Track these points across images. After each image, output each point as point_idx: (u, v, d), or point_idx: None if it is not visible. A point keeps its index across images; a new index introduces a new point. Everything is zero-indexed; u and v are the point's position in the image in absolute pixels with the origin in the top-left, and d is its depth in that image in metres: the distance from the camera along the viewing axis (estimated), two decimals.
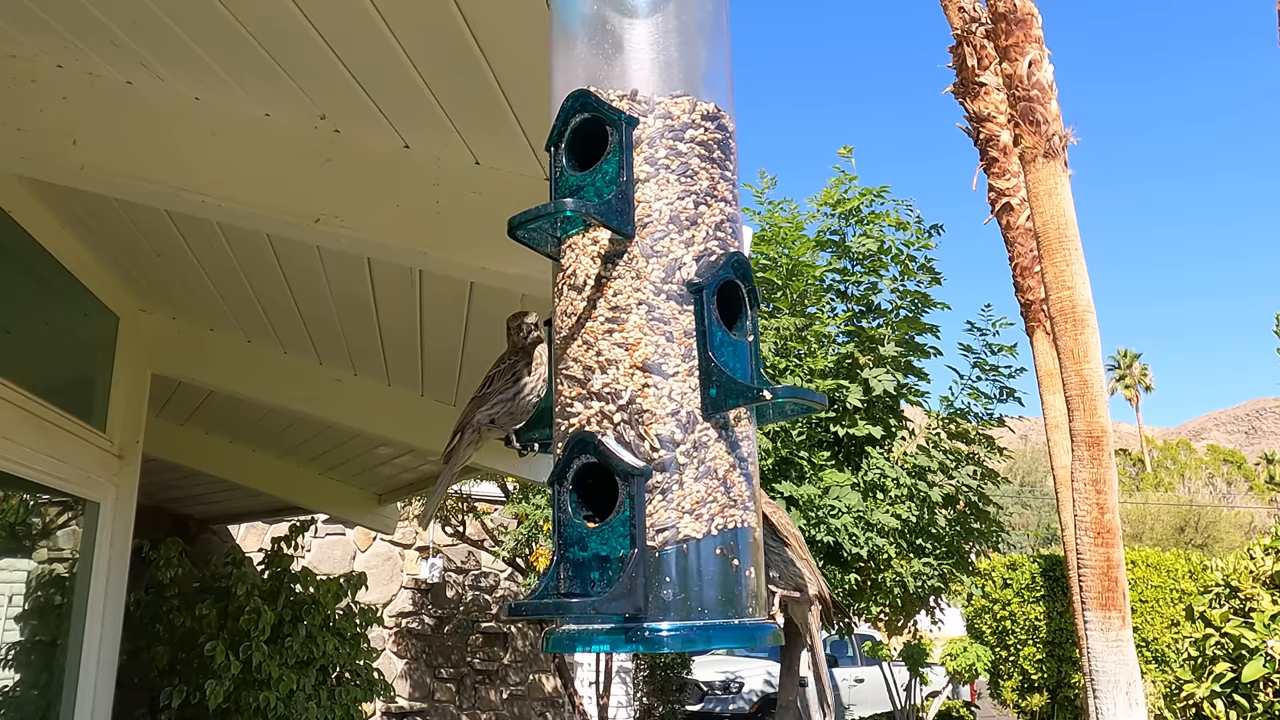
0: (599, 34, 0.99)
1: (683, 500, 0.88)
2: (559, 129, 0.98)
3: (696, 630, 0.85)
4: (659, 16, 0.98)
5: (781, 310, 9.48)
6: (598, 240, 0.94)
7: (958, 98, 9.75)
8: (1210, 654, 5.06)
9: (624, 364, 0.90)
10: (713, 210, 0.96)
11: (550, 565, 0.90)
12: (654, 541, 0.86)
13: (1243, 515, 34.39)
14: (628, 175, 0.93)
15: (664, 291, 0.92)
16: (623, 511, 0.87)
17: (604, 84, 0.97)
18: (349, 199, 2.36)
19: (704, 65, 1.01)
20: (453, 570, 11.45)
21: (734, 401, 0.90)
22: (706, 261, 0.94)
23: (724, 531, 0.89)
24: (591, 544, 0.88)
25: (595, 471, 0.90)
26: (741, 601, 0.89)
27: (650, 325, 0.91)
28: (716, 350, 0.91)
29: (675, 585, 0.86)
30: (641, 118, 0.95)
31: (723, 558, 0.89)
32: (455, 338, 3.57)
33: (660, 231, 0.93)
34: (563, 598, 0.88)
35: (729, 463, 0.91)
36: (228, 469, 6.06)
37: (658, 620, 0.85)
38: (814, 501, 8.60)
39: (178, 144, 2.36)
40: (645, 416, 0.89)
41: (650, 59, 0.98)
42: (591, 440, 0.89)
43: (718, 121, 0.99)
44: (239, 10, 1.95)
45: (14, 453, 3.01)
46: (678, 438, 0.89)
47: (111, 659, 3.83)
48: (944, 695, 13.45)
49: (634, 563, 0.84)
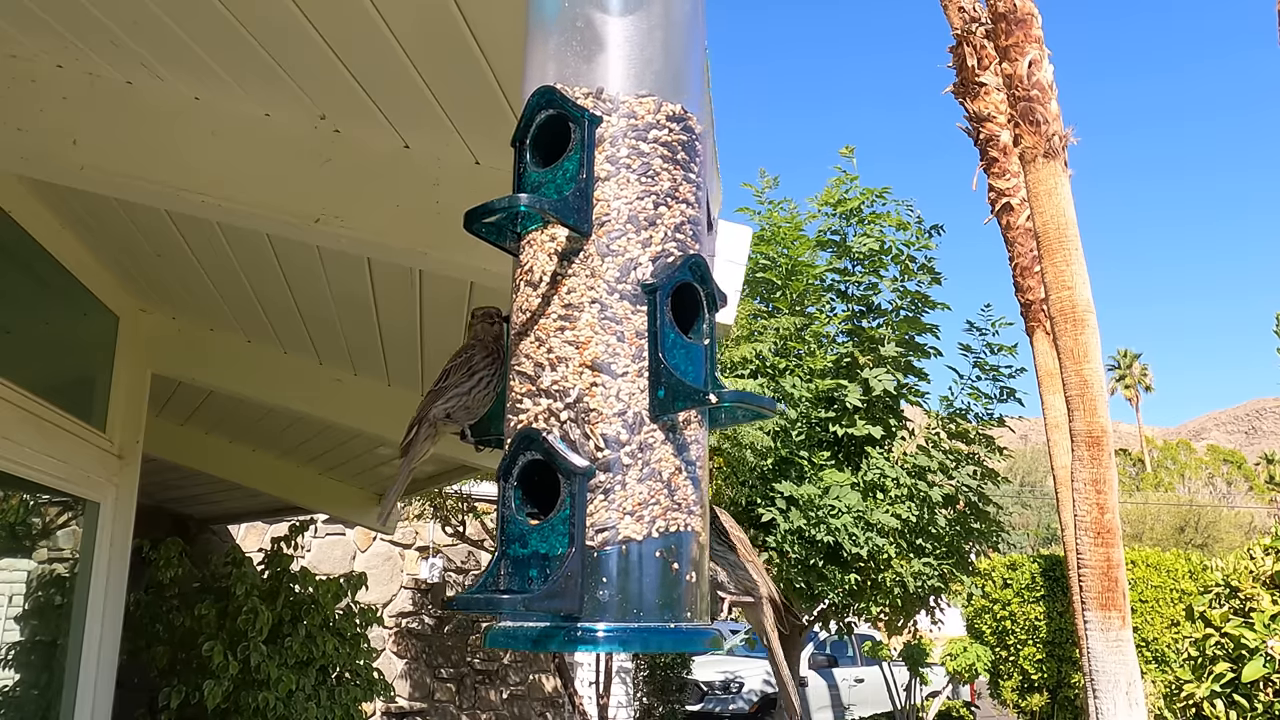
0: (570, 30, 0.98)
1: (624, 501, 0.87)
2: (524, 124, 0.98)
3: (632, 632, 0.85)
4: (633, 16, 0.98)
5: (781, 310, 9.48)
6: (555, 237, 0.94)
7: (958, 98, 9.75)
8: (1210, 654, 5.06)
9: (574, 362, 0.90)
10: (673, 212, 0.96)
11: (491, 561, 0.90)
12: (593, 541, 0.86)
13: (1243, 515, 34.39)
14: (588, 173, 0.93)
15: (618, 291, 0.92)
16: (563, 510, 0.86)
17: (572, 81, 0.97)
18: (349, 199, 2.36)
19: (674, 67, 1.01)
20: (453, 570, 11.45)
21: (682, 404, 0.89)
22: (663, 263, 0.93)
23: (665, 534, 0.88)
24: (532, 541, 0.87)
25: (540, 469, 0.89)
26: (680, 605, 0.88)
27: (602, 324, 0.91)
28: (668, 352, 0.91)
29: (613, 586, 0.85)
30: (605, 116, 0.95)
31: (663, 560, 0.88)
32: (455, 338, 3.57)
33: (618, 231, 0.93)
34: (497, 594, 0.88)
35: (675, 465, 0.91)
36: (228, 469, 6.06)
37: (593, 620, 0.84)
38: (814, 501, 8.60)
39: (178, 144, 2.36)
40: (592, 415, 0.89)
41: (620, 57, 0.97)
42: (537, 437, 0.89)
43: (684, 123, 0.98)
44: (239, 10, 1.95)
45: (14, 453, 3.01)
46: (623, 438, 0.88)
47: (111, 659, 3.83)
48: (944, 695, 13.44)
49: (571, 562, 0.84)
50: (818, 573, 8.85)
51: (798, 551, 8.69)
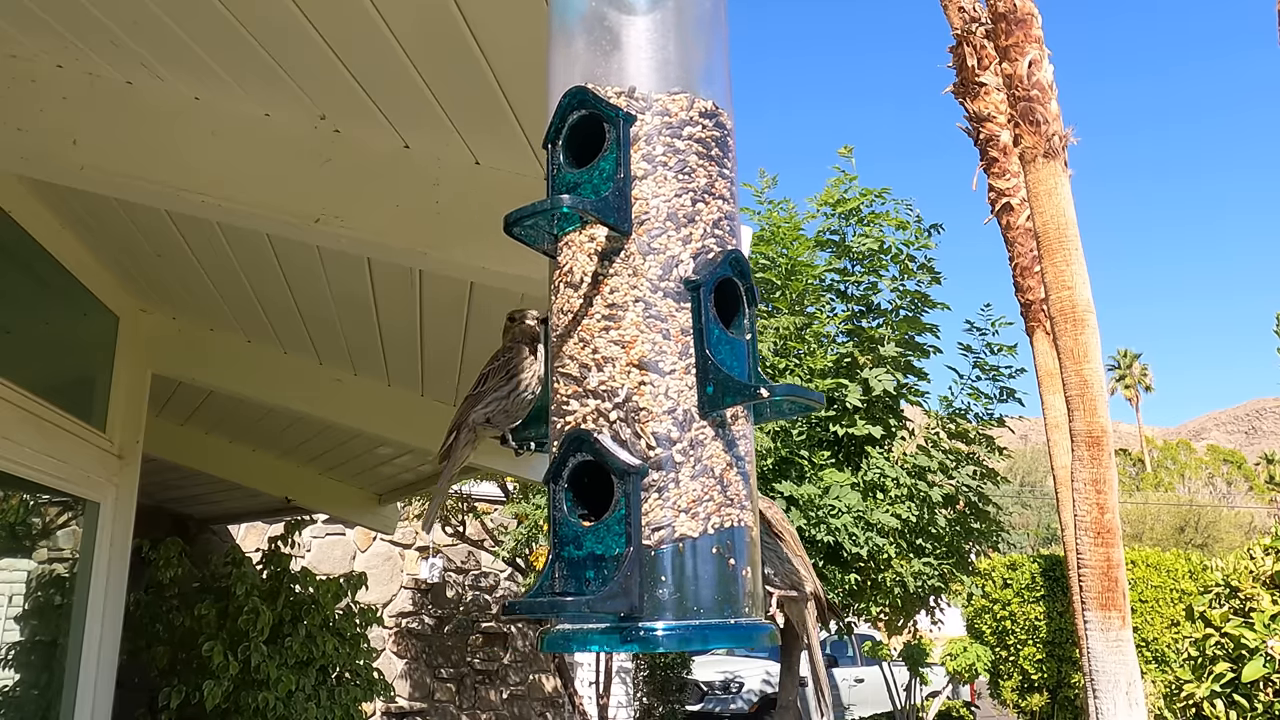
0: (597, 31, 0.98)
1: (679, 499, 0.87)
2: (556, 126, 0.98)
3: (693, 630, 0.85)
4: (657, 13, 0.98)
5: (781, 310, 9.48)
6: (594, 237, 0.94)
7: (958, 98, 9.75)
8: (1210, 654, 5.06)
9: (620, 362, 0.90)
10: (710, 208, 0.96)
11: (546, 564, 0.90)
12: (649, 540, 0.86)
13: (1243, 515, 34.40)
14: (625, 172, 0.93)
15: (661, 289, 0.91)
16: (618, 510, 0.86)
17: (601, 81, 0.96)
18: (349, 199, 2.36)
19: (702, 62, 1.01)
20: (453, 570, 11.45)
21: (731, 400, 0.89)
22: (704, 259, 0.93)
23: (720, 530, 0.88)
24: (587, 543, 0.87)
25: (591, 470, 0.89)
26: (738, 601, 0.88)
27: (647, 323, 0.90)
28: (714, 348, 0.91)
29: (671, 584, 0.85)
30: (639, 115, 0.95)
31: (719, 557, 0.88)
32: (455, 338, 3.57)
33: (658, 229, 0.93)
34: (557, 596, 0.88)
35: (726, 461, 0.90)
36: (228, 469, 6.06)
37: (653, 620, 0.84)
38: (814, 501, 8.60)
39: (178, 144, 2.36)
40: (641, 414, 0.88)
41: (648, 56, 0.97)
42: (587, 438, 0.89)
43: (716, 119, 0.98)
44: (239, 10, 1.95)
45: (14, 453, 3.01)
46: (674, 436, 0.88)
47: (111, 659, 3.83)
48: (944, 695, 13.44)
49: (629, 562, 0.84)
50: (817, 573, 8.84)
51: None
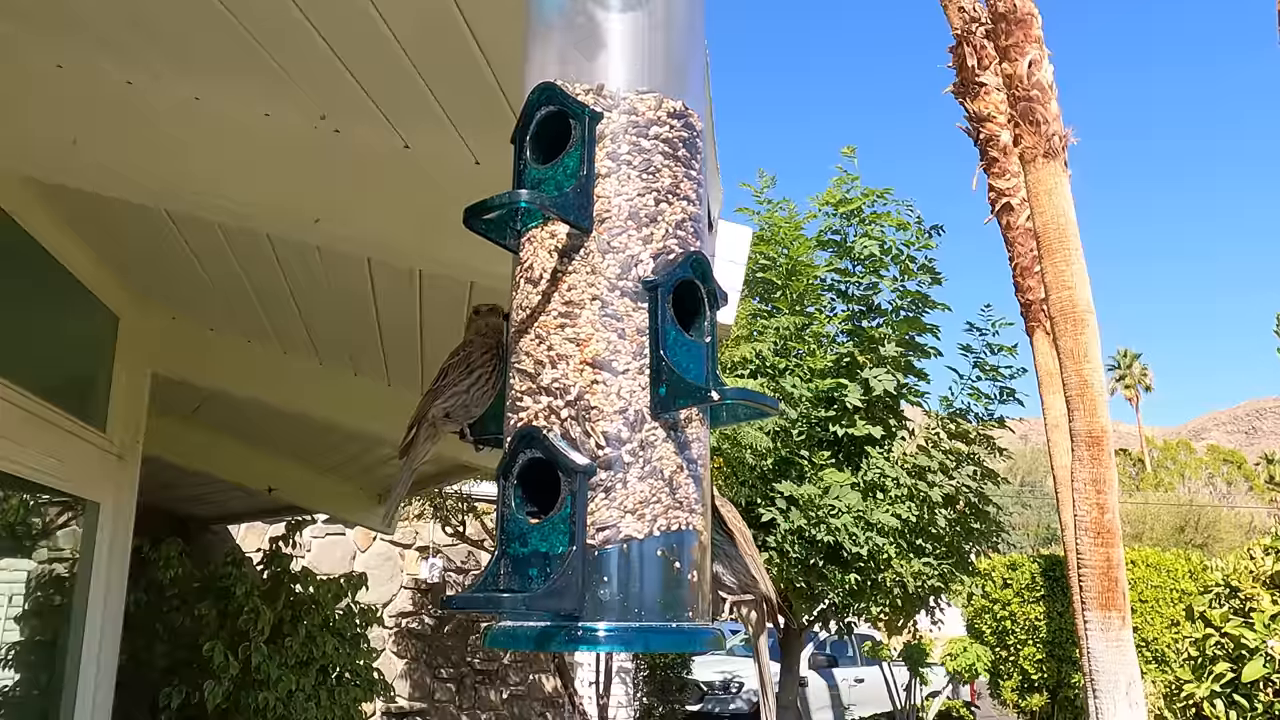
0: (572, 27, 0.98)
1: (626, 500, 0.87)
2: (524, 121, 0.98)
3: (634, 632, 0.84)
4: (635, 13, 0.98)
5: (781, 310, 9.48)
6: (556, 234, 0.93)
7: (958, 98, 9.75)
8: (1210, 654, 5.06)
9: (574, 359, 0.90)
10: (674, 209, 0.95)
11: (491, 560, 0.89)
12: (594, 540, 0.85)
13: (1243, 515, 34.40)
14: (588, 170, 0.93)
15: (619, 288, 0.91)
16: (564, 509, 0.86)
17: (573, 77, 0.96)
18: (349, 199, 2.36)
19: (675, 64, 1.01)
20: (453, 570, 11.45)
21: (683, 401, 0.89)
22: (664, 260, 0.93)
23: (667, 533, 0.88)
24: (532, 540, 0.87)
25: (541, 467, 0.89)
26: (682, 604, 0.88)
27: (603, 321, 0.90)
28: (669, 350, 0.90)
29: (614, 585, 0.85)
30: (606, 112, 0.95)
31: (664, 559, 0.87)
32: (455, 338, 3.55)
33: (618, 228, 0.93)
34: (497, 592, 0.87)
35: (676, 464, 0.90)
36: (228, 469, 6.06)
37: (594, 620, 0.84)
38: (814, 501, 8.60)
39: (178, 144, 2.36)
40: (592, 413, 0.88)
41: (621, 54, 0.97)
42: (538, 435, 0.89)
43: (685, 120, 0.98)
44: (239, 10, 1.95)
45: (14, 453, 3.00)
46: (624, 436, 0.88)
47: (111, 659, 3.83)
48: (944, 695, 13.45)
49: (572, 560, 0.83)
50: (818, 573, 8.85)
51: (798, 551, 8.69)
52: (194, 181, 2.35)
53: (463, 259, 2.35)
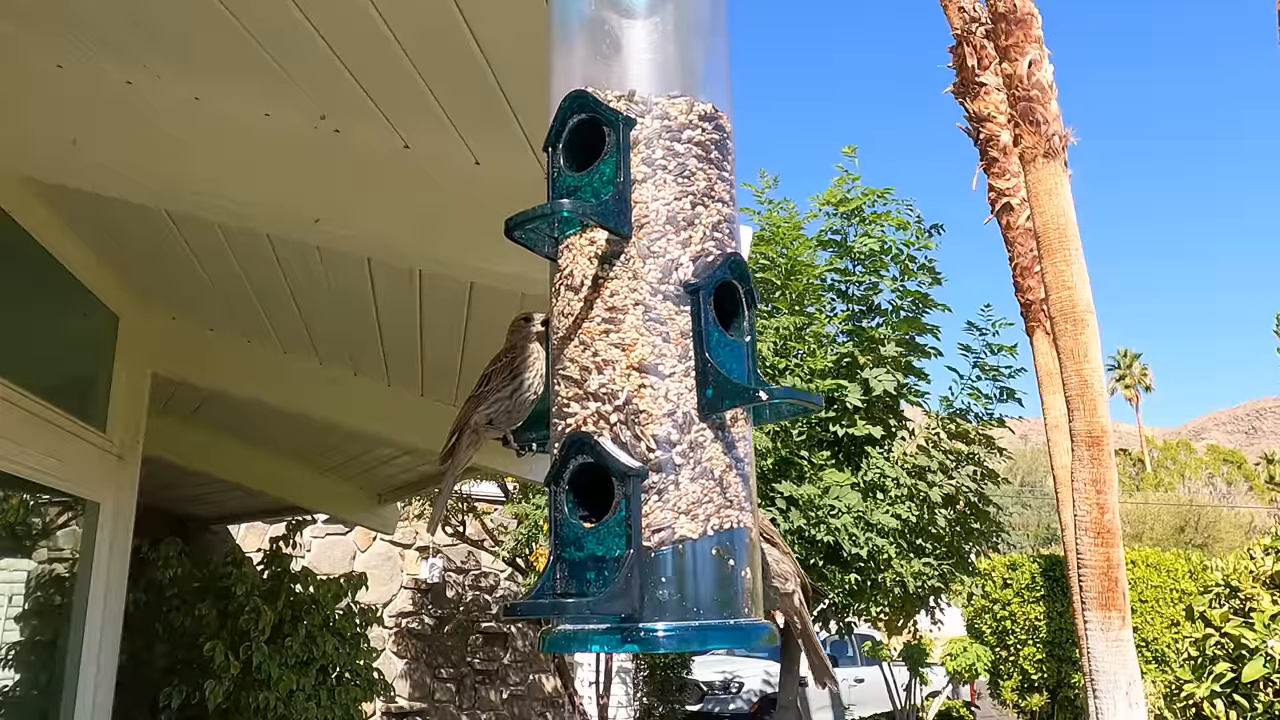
0: (597, 34, 0.99)
1: (679, 501, 0.88)
2: (556, 129, 0.98)
3: (692, 631, 0.85)
4: (657, 18, 0.98)
5: (781, 310, 9.48)
6: (595, 241, 0.94)
7: (958, 98, 9.75)
8: (1210, 654, 5.06)
9: (620, 364, 0.90)
10: (710, 211, 0.96)
11: (547, 565, 0.90)
12: (650, 542, 0.86)
13: (1243, 515, 34.40)
14: (625, 176, 0.93)
15: (660, 292, 0.92)
16: (619, 512, 0.86)
17: (602, 85, 0.97)
18: (349, 199, 2.36)
19: (702, 66, 1.01)
20: (453, 570, 11.45)
21: (730, 402, 0.90)
22: (703, 262, 0.94)
23: (720, 532, 0.89)
24: (588, 544, 0.88)
25: (592, 472, 0.89)
26: (737, 602, 0.89)
27: (647, 326, 0.91)
28: (713, 351, 0.91)
29: (671, 586, 0.86)
30: (639, 119, 0.95)
31: (719, 558, 0.88)
32: (455, 338, 3.57)
33: (657, 232, 0.93)
34: (559, 598, 0.88)
35: (725, 463, 0.91)
36: (228, 469, 6.06)
37: (653, 621, 0.84)
38: (814, 501, 8.60)
39: (178, 144, 2.36)
40: (641, 417, 0.89)
41: (648, 60, 0.97)
42: (588, 441, 0.89)
43: (715, 122, 0.98)
44: (239, 10, 1.95)
45: (14, 453, 3.01)
46: (674, 438, 0.89)
47: (111, 659, 3.83)
48: (944, 695, 13.45)
49: (630, 563, 0.84)
50: (818, 573, 8.85)
51: (797, 552, 8.69)
52: (194, 181, 2.35)
53: (463, 259, 2.35)
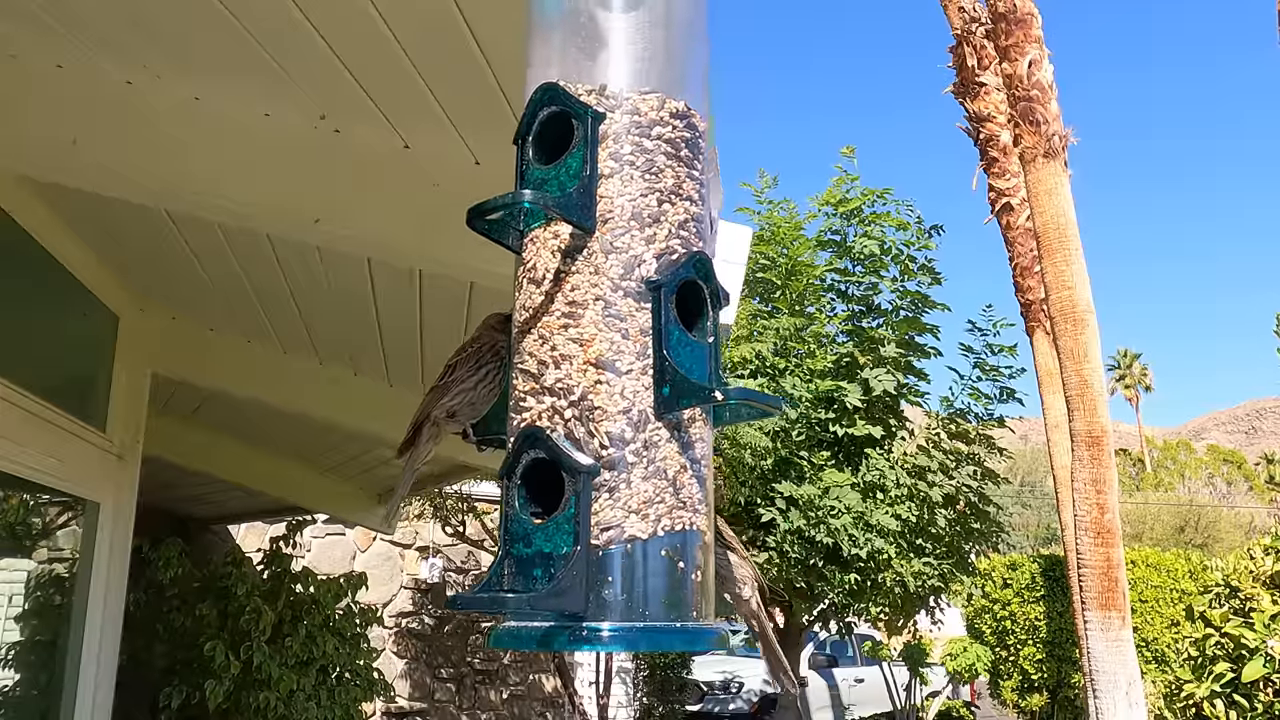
0: (574, 27, 0.98)
1: (630, 499, 0.87)
2: (527, 122, 0.98)
3: (638, 632, 0.85)
4: (636, 13, 0.98)
5: (781, 310, 9.48)
6: (559, 235, 0.94)
7: (958, 98, 9.76)
8: (1210, 654, 5.06)
9: (578, 360, 0.90)
10: (677, 209, 0.95)
11: (495, 560, 0.89)
12: (598, 540, 0.85)
13: (1243, 515, 34.40)
14: (591, 170, 0.93)
15: (622, 288, 0.91)
16: (568, 509, 0.86)
17: (575, 78, 0.96)
18: (349, 199, 2.36)
19: (678, 64, 1.01)
20: (453, 570, 11.45)
21: (687, 401, 0.89)
22: (667, 260, 0.93)
23: (671, 533, 0.88)
24: (536, 540, 0.87)
25: (544, 467, 0.89)
26: (686, 604, 0.88)
27: (606, 322, 0.90)
28: (672, 349, 0.90)
29: (618, 585, 0.85)
30: (609, 113, 0.95)
31: (669, 559, 0.88)
32: (455, 338, 3.56)
33: (621, 228, 0.93)
34: (501, 593, 0.87)
35: (680, 464, 0.90)
36: (228, 469, 6.06)
37: (598, 620, 0.84)
38: (814, 501, 8.60)
39: (178, 144, 2.36)
40: (596, 413, 0.88)
41: (623, 55, 0.97)
42: (541, 435, 0.89)
43: (687, 120, 0.98)
44: (239, 10, 1.95)
45: (14, 453, 3.01)
46: (628, 436, 0.88)
47: (111, 659, 3.83)
48: (944, 695, 13.45)
49: (576, 561, 0.84)
50: (818, 573, 8.85)
51: (798, 552, 8.69)
52: (194, 181, 2.35)
53: (463, 259, 2.35)
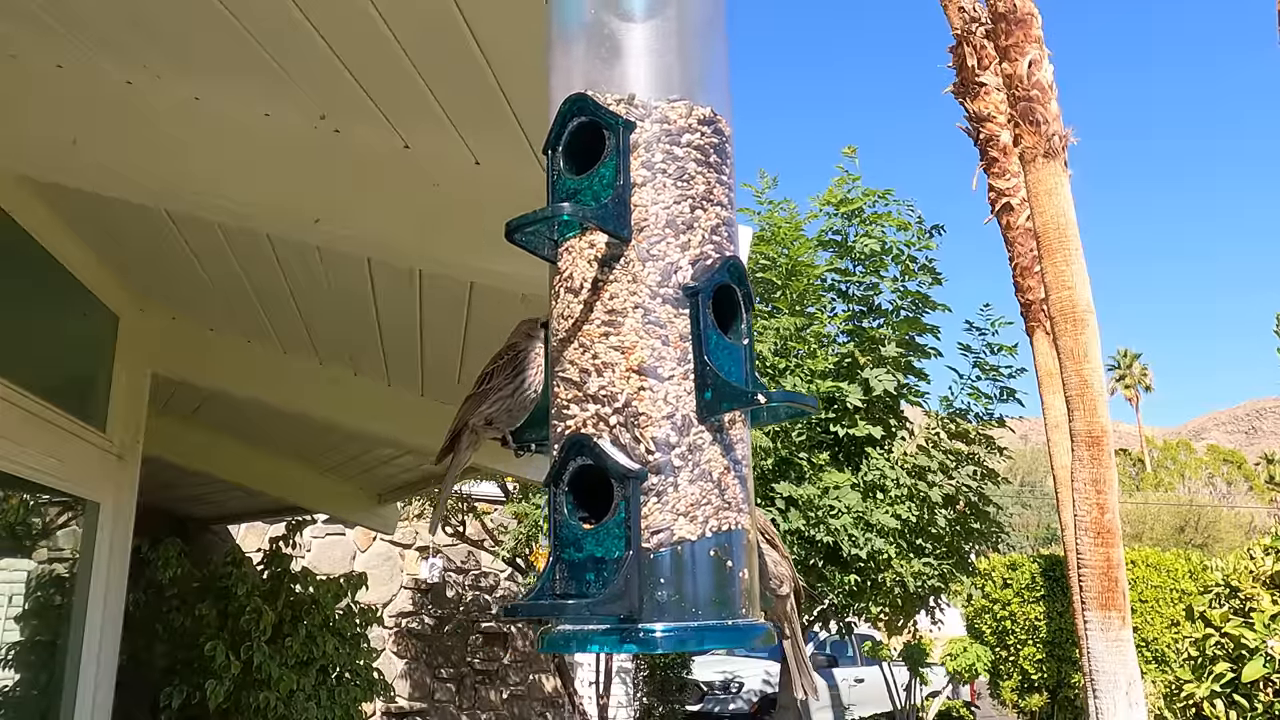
0: (597, 37, 0.99)
1: (678, 503, 0.89)
2: (556, 132, 0.98)
3: (690, 631, 0.86)
4: (657, 20, 0.98)
5: (781, 310, 9.48)
6: (594, 244, 0.94)
7: (958, 98, 9.75)
8: (1210, 654, 5.06)
9: (620, 367, 0.91)
10: (709, 215, 0.96)
11: (546, 566, 0.91)
12: (649, 543, 0.87)
13: (1243, 515, 34.41)
14: (624, 179, 0.93)
15: (660, 295, 0.92)
16: (618, 514, 0.87)
17: (601, 87, 0.97)
18: (349, 199, 2.36)
19: (701, 69, 1.01)
20: (453, 570, 11.46)
21: (729, 405, 0.90)
22: (702, 265, 0.94)
23: (718, 533, 0.90)
24: (587, 545, 0.88)
25: (591, 474, 0.90)
26: (735, 603, 0.90)
27: (646, 329, 0.91)
28: (712, 354, 0.92)
29: (670, 587, 0.87)
30: (639, 122, 0.95)
31: (717, 559, 0.89)
32: (455, 338, 3.57)
33: (656, 235, 0.94)
34: (558, 599, 0.89)
35: (724, 465, 0.92)
36: (228, 469, 6.06)
37: (652, 621, 0.85)
38: (814, 501, 8.60)
39: (178, 144, 2.36)
40: (641, 419, 0.89)
41: (648, 63, 0.98)
42: (588, 442, 0.90)
43: (714, 126, 0.99)
44: (239, 10, 1.95)
45: (14, 453, 3.01)
46: (673, 440, 0.89)
47: (111, 659, 3.83)
48: (944, 695, 13.45)
49: (629, 564, 0.85)
50: (818, 573, 8.85)
51: (797, 552, 8.69)
52: (194, 181, 2.35)
53: (463, 259, 2.35)
